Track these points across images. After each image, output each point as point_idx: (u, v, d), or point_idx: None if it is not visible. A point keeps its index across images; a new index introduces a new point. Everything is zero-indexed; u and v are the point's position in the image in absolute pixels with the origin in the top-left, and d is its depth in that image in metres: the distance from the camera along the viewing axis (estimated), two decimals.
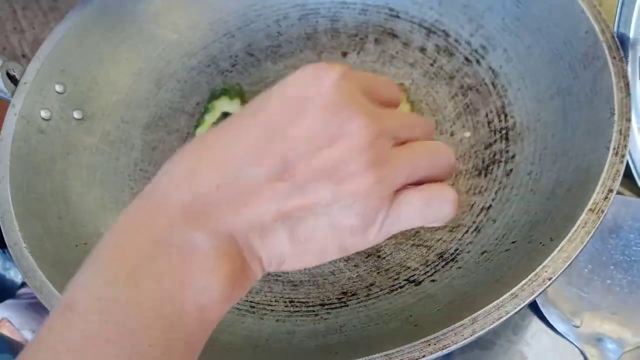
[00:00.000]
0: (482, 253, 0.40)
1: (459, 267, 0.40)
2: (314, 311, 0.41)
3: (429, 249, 0.43)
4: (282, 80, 0.23)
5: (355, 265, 0.44)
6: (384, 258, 0.44)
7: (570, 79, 0.44)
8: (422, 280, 0.40)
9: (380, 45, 0.57)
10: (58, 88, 0.49)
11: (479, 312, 0.31)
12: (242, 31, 0.59)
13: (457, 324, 0.31)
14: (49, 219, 0.42)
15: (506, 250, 0.38)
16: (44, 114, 0.47)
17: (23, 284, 0.72)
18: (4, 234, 0.38)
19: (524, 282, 0.32)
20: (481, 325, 0.31)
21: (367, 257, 0.44)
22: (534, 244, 0.36)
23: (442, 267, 0.41)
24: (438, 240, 0.43)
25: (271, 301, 0.42)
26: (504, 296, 0.31)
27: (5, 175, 0.42)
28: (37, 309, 0.71)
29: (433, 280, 0.40)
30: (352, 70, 0.24)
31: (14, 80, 0.47)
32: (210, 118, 0.53)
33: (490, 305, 0.31)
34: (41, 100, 0.47)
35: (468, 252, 0.41)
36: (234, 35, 0.59)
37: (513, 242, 0.39)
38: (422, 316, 0.36)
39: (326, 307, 0.41)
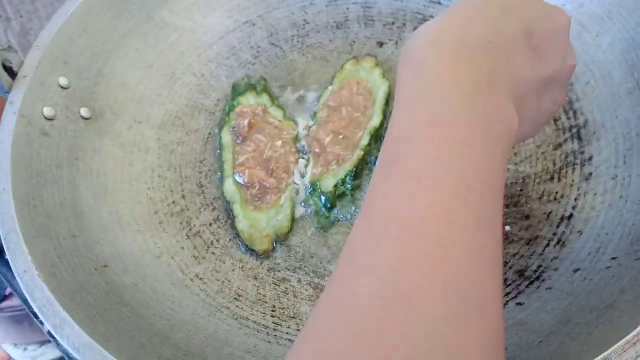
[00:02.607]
0: (575, 271, 0.35)
1: (549, 288, 0.35)
2: None
3: (505, 265, 0.37)
4: None
5: None
6: None
7: None
8: (506, 303, 0.35)
9: None
10: (62, 81, 0.42)
11: (611, 349, 0.26)
12: (263, 19, 0.53)
13: None
14: (61, 239, 0.35)
15: (606, 267, 0.33)
16: (47, 111, 0.40)
17: (5, 297, 0.65)
18: (10, 260, 0.31)
19: None
20: None
21: None
22: None
23: (527, 287, 0.36)
24: (514, 255, 0.38)
25: None
26: (639, 328, 0.26)
27: (7, 187, 0.34)
28: (19, 320, 0.65)
29: (519, 304, 0.35)
30: None
31: (10, 73, 0.40)
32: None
33: (623, 341, 0.26)
34: (43, 95, 0.40)
35: (555, 269, 0.36)
36: (254, 24, 0.53)
37: (613, 259, 0.33)
38: (518, 350, 0.31)
39: None
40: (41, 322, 0.32)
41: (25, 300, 0.42)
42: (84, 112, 0.43)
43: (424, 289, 0.19)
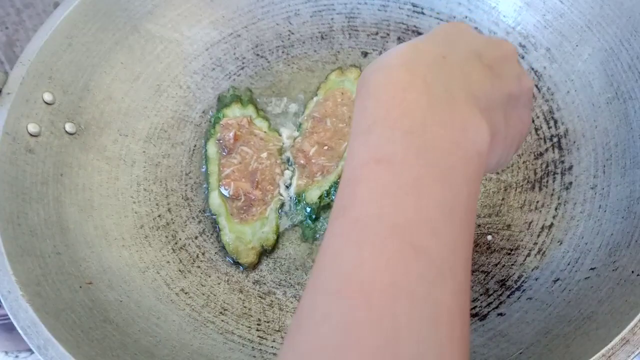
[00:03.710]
0: (555, 281, 0.35)
1: (529, 298, 0.35)
2: None
3: (487, 275, 0.38)
4: None
5: None
6: None
7: (632, 81, 0.40)
8: (487, 314, 0.36)
9: None
10: (47, 97, 0.42)
11: None
12: (248, 30, 0.53)
13: None
14: (46, 257, 0.35)
15: (585, 278, 0.34)
16: (32, 128, 0.40)
17: None
18: None
19: (634, 322, 0.27)
20: None
21: None
22: (622, 272, 0.32)
23: (508, 297, 0.36)
24: (496, 265, 0.38)
25: None
26: (614, 341, 0.27)
27: None
28: (10, 328, 0.65)
29: (501, 314, 0.35)
30: None
31: None
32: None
33: (599, 354, 0.26)
34: (28, 112, 0.40)
35: (536, 279, 0.36)
36: (239, 35, 0.53)
37: (592, 269, 0.34)
38: None
39: None
40: None
41: None
42: (69, 127, 0.43)
43: None
